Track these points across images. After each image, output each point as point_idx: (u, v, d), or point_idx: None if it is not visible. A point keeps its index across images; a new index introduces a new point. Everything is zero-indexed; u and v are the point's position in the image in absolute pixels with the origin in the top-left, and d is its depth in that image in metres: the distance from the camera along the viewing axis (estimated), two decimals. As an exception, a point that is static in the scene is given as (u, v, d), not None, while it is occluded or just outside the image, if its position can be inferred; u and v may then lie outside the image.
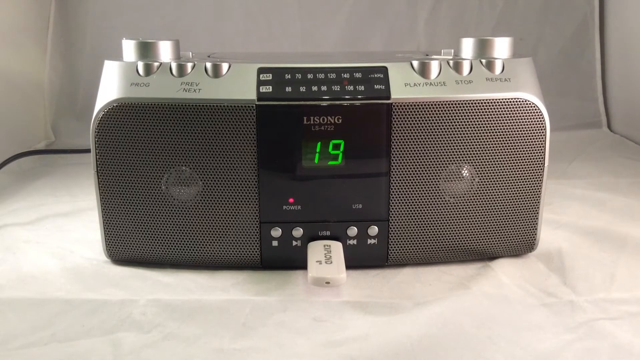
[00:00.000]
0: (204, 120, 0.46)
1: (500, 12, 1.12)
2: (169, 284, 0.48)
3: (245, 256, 0.50)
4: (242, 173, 0.48)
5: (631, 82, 1.04)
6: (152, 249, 0.50)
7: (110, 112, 0.47)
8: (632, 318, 0.43)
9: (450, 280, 0.49)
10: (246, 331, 0.41)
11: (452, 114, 0.47)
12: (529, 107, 0.48)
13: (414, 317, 0.43)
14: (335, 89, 0.47)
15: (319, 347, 0.39)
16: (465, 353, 0.38)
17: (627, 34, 1.06)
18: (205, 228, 0.49)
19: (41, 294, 0.46)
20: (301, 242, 0.49)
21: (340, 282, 0.44)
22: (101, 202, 0.49)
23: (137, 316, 0.43)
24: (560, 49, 1.13)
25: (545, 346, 0.39)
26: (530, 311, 0.44)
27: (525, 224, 0.51)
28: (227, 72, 0.48)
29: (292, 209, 0.49)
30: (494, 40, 0.50)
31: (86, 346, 0.39)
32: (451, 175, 0.49)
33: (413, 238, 0.50)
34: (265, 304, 0.45)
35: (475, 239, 0.50)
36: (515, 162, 0.49)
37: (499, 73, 0.48)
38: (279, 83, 0.47)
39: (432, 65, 0.48)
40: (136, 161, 0.48)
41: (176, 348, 0.39)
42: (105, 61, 0.49)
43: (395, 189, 0.48)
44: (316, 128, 0.47)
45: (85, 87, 1.03)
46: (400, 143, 0.47)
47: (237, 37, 1.11)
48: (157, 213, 0.49)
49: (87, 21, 1.04)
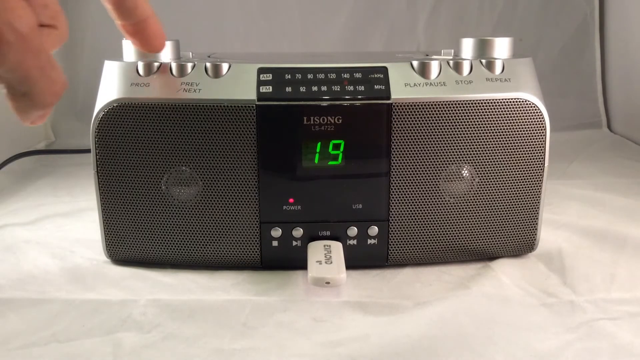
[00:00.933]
0: (204, 120, 0.46)
1: (500, 12, 1.12)
2: (169, 284, 0.48)
3: (245, 256, 0.50)
4: (242, 173, 0.48)
5: (631, 82, 1.04)
6: (152, 249, 0.50)
7: (110, 112, 0.47)
8: (632, 318, 0.43)
9: (450, 280, 0.49)
10: (246, 331, 0.41)
11: (452, 114, 0.47)
12: (529, 107, 0.48)
13: (414, 317, 0.43)
14: (335, 89, 0.47)
15: (319, 347, 0.39)
16: (465, 353, 0.38)
17: (627, 34, 1.06)
18: (205, 228, 0.49)
19: (41, 294, 0.46)
20: (301, 242, 0.49)
21: (340, 282, 0.44)
22: (101, 202, 0.49)
23: (137, 316, 0.43)
24: (560, 49, 1.13)
25: (545, 346, 0.39)
26: (530, 311, 0.44)
27: (525, 224, 0.51)
28: (227, 72, 0.48)
29: (292, 209, 0.49)
30: (494, 40, 0.50)
31: (86, 346, 0.39)
32: (451, 176, 0.49)
33: (413, 238, 0.50)
34: (265, 304, 0.45)
35: (475, 239, 0.50)
36: (515, 162, 0.49)
37: (499, 73, 0.48)
38: (279, 83, 0.47)
39: (432, 66, 0.48)
40: (136, 161, 0.48)
41: (176, 348, 0.39)
42: (105, 61, 0.49)
43: (395, 189, 0.48)
44: (316, 128, 0.47)
45: (85, 87, 1.03)
46: (401, 143, 0.47)
47: (237, 37, 1.11)
48: (157, 213, 0.49)
49: (87, 21, 1.05)
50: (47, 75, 0.31)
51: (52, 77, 0.31)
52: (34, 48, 0.30)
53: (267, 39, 1.10)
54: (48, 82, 0.31)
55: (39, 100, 0.31)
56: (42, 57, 0.30)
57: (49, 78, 0.31)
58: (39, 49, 0.30)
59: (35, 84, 0.30)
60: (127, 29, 0.41)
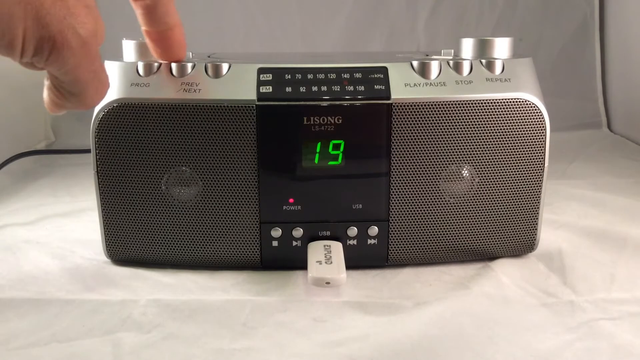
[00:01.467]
0: (204, 120, 0.46)
1: (500, 12, 1.12)
2: (169, 284, 0.48)
3: (245, 256, 0.50)
4: (242, 173, 0.48)
5: (631, 82, 1.04)
6: (152, 249, 0.50)
7: (110, 112, 0.47)
8: (632, 318, 0.43)
9: (450, 280, 0.49)
10: (246, 331, 0.41)
11: (452, 114, 0.47)
12: (529, 107, 0.48)
13: (414, 318, 0.43)
14: (335, 89, 0.47)
15: (319, 347, 0.39)
16: (465, 353, 0.38)
17: (627, 34, 1.06)
18: (205, 228, 0.49)
19: (41, 294, 0.46)
20: (301, 242, 0.50)
21: (340, 282, 0.44)
22: (101, 202, 0.49)
23: (137, 316, 0.43)
24: (560, 49, 1.13)
25: (545, 346, 0.39)
26: (530, 311, 0.44)
27: (525, 224, 0.51)
28: (227, 72, 0.48)
29: (292, 209, 0.49)
30: (494, 40, 0.50)
31: (86, 346, 0.39)
32: (451, 176, 0.49)
33: (413, 238, 0.50)
34: (265, 304, 0.45)
35: (475, 239, 0.50)
36: (515, 162, 0.49)
37: (499, 73, 0.48)
38: (279, 83, 0.47)
39: (432, 66, 0.48)
40: (136, 161, 0.48)
41: (176, 348, 0.39)
42: (105, 61, 0.49)
43: (395, 189, 0.48)
44: (316, 128, 0.47)
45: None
46: (401, 143, 0.47)
47: (237, 37, 1.11)
48: (157, 213, 0.49)
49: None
50: (98, 78, 0.32)
51: (102, 81, 0.32)
52: (92, 54, 0.31)
53: (267, 39, 1.10)
54: (99, 85, 0.32)
55: (87, 101, 0.33)
56: (97, 62, 0.31)
57: (99, 82, 0.32)
58: (96, 55, 0.31)
59: (88, 87, 0.32)
60: (152, 36, 0.41)
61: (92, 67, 0.31)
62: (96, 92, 0.32)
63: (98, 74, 0.32)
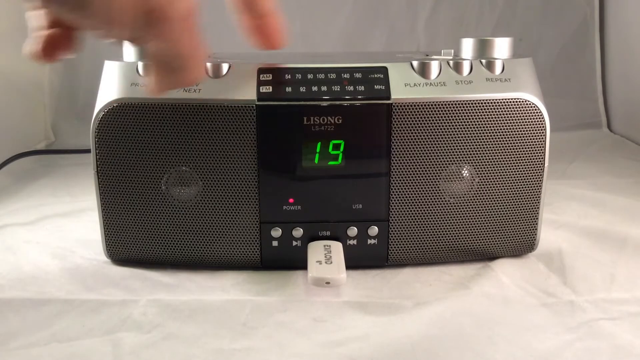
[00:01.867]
0: (204, 120, 0.46)
1: (500, 12, 1.12)
2: (169, 284, 0.48)
3: (245, 256, 0.50)
4: (242, 173, 0.48)
5: (631, 82, 1.04)
6: (152, 249, 0.50)
7: (110, 112, 0.47)
8: (632, 318, 0.43)
9: (450, 280, 0.49)
10: (246, 331, 0.41)
11: (452, 114, 0.47)
12: (529, 107, 0.48)
13: (414, 317, 0.43)
14: (335, 89, 0.47)
15: (319, 347, 0.39)
16: (465, 353, 0.39)
17: (627, 34, 1.06)
18: (205, 228, 0.49)
19: (41, 294, 0.46)
20: (301, 242, 0.49)
21: (340, 282, 0.44)
22: (101, 202, 0.49)
23: (137, 316, 0.43)
24: (560, 49, 1.13)
25: (545, 346, 0.39)
26: (530, 311, 0.44)
27: (525, 224, 0.51)
28: (227, 72, 0.48)
29: (292, 209, 0.49)
30: (494, 40, 0.50)
31: (86, 346, 0.39)
32: (451, 176, 0.49)
33: (413, 238, 0.50)
34: (265, 304, 0.45)
35: (475, 239, 0.50)
36: (515, 162, 0.49)
37: (499, 73, 0.48)
38: (279, 83, 0.47)
39: (432, 66, 0.48)
40: (136, 161, 0.48)
41: (176, 348, 0.39)
42: (105, 61, 0.49)
43: (395, 189, 0.48)
44: (316, 128, 0.47)
45: (85, 87, 1.03)
46: (401, 143, 0.47)
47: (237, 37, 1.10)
48: (157, 213, 0.49)
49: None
50: (199, 55, 0.34)
51: (201, 58, 0.34)
52: (191, 28, 0.32)
53: (267, 39, 1.10)
54: (199, 61, 0.34)
55: (188, 77, 0.34)
56: (196, 38, 0.33)
57: (200, 58, 0.34)
58: (196, 31, 0.33)
59: (189, 61, 0.33)
60: (250, 24, 0.42)
61: (193, 43, 0.33)
62: (196, 67, 0.34)
63: (198, 51, 0.34)
